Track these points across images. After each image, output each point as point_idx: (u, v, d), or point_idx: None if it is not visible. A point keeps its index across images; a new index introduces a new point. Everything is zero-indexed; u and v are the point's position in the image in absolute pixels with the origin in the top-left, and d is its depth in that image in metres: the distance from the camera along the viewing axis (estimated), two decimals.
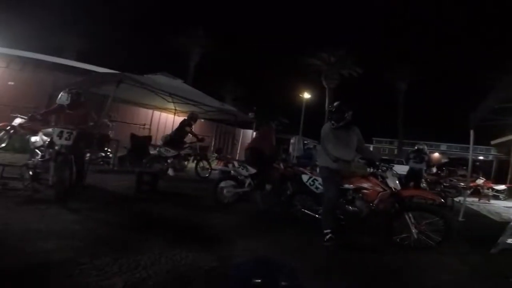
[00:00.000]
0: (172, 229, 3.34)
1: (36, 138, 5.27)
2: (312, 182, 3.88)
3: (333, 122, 3.43)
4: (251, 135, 10.58)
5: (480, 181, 10.23)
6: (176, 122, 9.44)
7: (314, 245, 3.20)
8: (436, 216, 3.29)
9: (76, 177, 4.19)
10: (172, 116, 10.58)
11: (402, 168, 10.86)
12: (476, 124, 5.80)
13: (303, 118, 24.44)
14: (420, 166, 7.62)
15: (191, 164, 7.87)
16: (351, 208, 3.50)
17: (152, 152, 7.11)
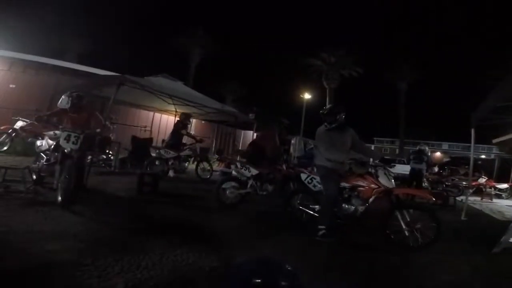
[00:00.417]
0: (173, 230, 3.35)
1: (42, 142, 5.27)
2: (310, 180, 3.95)
3: (326, 124, 3.56)
4: (251, 136, 10.58)
5: (482, 180, 10.20)
6: None
7: (314, 245, 3.21)
8: (426, 214, 3.34)
9: (78, 179, 4.20)
10: (172, 118, 10.60)
11: (404, 168, 10.87)
12: (477, 123, 5.79)
13: (303, 118, 24.47)
14: (420, 167, 7.63)
15: (191, 166, 7.89)
16: (347, 206, 3.54)
17: (153, 154, 7.12)
